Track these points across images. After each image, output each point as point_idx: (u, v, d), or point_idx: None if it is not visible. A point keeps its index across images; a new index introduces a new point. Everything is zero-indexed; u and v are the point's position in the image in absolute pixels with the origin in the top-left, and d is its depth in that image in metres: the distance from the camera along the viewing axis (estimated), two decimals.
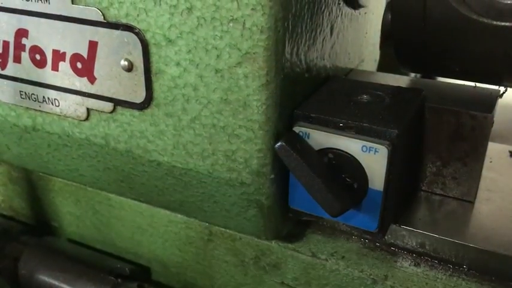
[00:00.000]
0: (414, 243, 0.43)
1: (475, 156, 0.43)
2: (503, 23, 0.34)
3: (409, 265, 0.43)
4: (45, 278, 0.54)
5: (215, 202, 0.43)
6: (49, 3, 0.40)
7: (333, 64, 0.46)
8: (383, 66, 0.63)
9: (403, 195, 0.44)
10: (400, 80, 0.49)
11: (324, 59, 0.43)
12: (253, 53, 0.35)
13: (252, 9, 0.33)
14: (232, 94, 0.36)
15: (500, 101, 0.45)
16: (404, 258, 0.43)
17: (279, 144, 0.36)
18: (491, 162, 0.51)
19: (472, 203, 0.45)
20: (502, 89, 0.45)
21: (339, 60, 0.47)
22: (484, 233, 0.41)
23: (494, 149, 0.53)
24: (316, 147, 0.38)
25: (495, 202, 0.45)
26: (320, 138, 0.38)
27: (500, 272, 0.40)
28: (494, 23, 0.34)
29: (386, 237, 0.43)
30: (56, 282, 0.53)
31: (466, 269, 0.41)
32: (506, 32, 0.34)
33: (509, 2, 0.33)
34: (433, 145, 0.44)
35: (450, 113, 0.42)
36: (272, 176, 0.39)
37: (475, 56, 0.37)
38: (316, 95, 0.41)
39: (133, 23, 0.38)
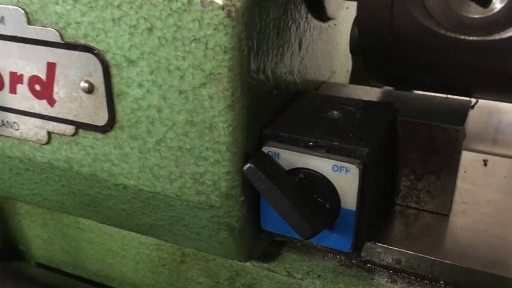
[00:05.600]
0: (390, 260, 0.42)
1: (448, 169, 0.42)
2: (470, 38, 0.33)
3: (386, 282, 0.42)
4: None
5: (185, 225, 0.41)
6: (4, 24, 0.39)
7: (303, 79, 0.45)
8: (357, 74, 0.62)
9: (378, 211, 0.43)
10: (372, 92, 0.48)
11: (293, 75, 0.42)
12: (218, 74, 0.33)
13: (214, 29, 0.32)
14: (197, 116, 0.35)
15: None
16: (381, 275, 0.42)
17: (247, 166, 0.35)
18: (465, 172, 0.50)
19: (447, 216, 0.44)
20: (473, 100, 0.44)
21: (309, 74, 0.46)
22: (459, 248, 0.41)
23: (468, 158, 0.53)
24: (287, 167, 0.37)
25: (470, 215, 0.44)
26: (290, 158, 0.37)
27: (477, 287, 0.39)
28: (462, 37, 0.33)
29: (362, 254, 0.42)
30: None
31: (443, 285, 0.41)
32: (474, 46, 0.33)
33: (476, 16, 0.32)
34: (406, 158, 0.43)
35: (422, 126, 0.42)
36: (242, 198, 0.37)
37: (444, 70, 0.37)
38: (286, 112, 0.40)
39: (93, 44, 0.36)
